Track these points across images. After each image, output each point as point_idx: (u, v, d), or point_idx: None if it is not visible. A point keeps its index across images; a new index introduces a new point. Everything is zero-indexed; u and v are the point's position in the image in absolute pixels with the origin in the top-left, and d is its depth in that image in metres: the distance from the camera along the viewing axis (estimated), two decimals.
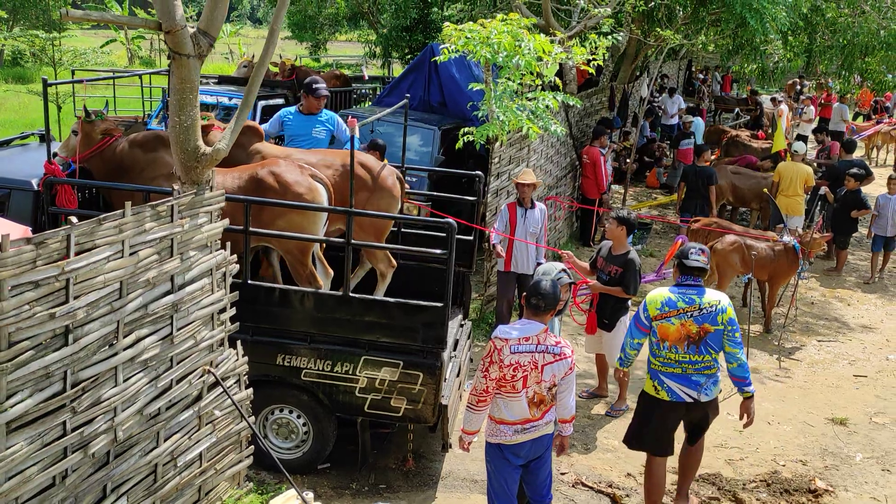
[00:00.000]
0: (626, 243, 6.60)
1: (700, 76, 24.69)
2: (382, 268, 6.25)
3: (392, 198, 6.21)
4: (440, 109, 9.99)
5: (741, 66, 17.75)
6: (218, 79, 12.45)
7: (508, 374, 4.30)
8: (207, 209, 4.21)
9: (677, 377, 5.06)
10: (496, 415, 4.47)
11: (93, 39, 33.47)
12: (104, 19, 4.26)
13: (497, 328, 4.46)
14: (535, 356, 4.32)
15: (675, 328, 4.99)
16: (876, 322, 9.51)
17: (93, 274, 3.40)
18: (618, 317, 6.66)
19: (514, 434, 4.45)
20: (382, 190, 6.12)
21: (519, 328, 4.39)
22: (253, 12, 64.71)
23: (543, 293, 4.37)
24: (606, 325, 6.71)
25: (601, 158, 11.25)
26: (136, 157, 5.93)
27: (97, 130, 5.96)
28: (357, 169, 5.94)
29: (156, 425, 3.96)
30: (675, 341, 5.00)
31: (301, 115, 6.87)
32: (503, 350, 4.30)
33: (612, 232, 6.61)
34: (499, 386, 4.35)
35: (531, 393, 4.36)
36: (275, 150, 6.30)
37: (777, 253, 8.67)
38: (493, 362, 4.31)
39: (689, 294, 5.03)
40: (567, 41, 8.77)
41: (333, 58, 32.98)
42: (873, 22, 12.63)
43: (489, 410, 4.47)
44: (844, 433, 6.80)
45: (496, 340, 4.34)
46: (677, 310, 4.99)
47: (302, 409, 5.45)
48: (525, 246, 7.58)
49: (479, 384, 4.38)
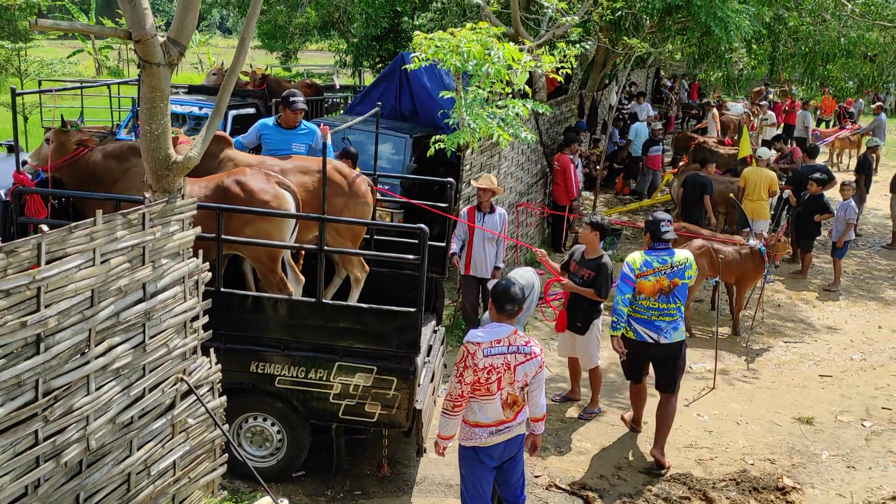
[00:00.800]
0: (599, 248, 6.67)
1: (668, 84, 25.06)
2: (357, 273, 6.30)
3: (366, 204, 6.30)
4: (411, 117, 10.05)
5: (707, 73, 18.06)
6: (188, 88, 12.39)
7: (483, 377, 4.35)
8: (179, 217, 4.22)
9: (644, 322, 6.05)
10: (471, 418, 4.51)
11: (59, 50, 33.08)
12: (74, 28, 4.26)
13: (468, 333, 4.51)
14: (507, 357, 4.39)
15: (651, 283, 5.97)
16: (840, 323, 9.71)
17: (64, 282, 3.40)
18: (590, 320, 6.72)
19: (489, 436, 4.51)
20: (357, 196, 6.19)
21: (489, 331, 4.45)
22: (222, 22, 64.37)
23: (514, 297, 4.45)
24: (579, 329, 6.75)
25: (571, 165, 11.39)
26: (110, 168, 5.91)
27: (71, 140, 5.93)
28: (333, 175, 6.00)
29: (129, 434, 3.95)
30: (649, 293, 5.98)
31: (279, 129, 6.84)
32: (476, 354, 4.35)
33: (585, 237, 6.66)
34: (473, 390, 4.40)
35: (505, 394, 4.43)
36: (248, 158, 6.31)
37: (744, 256, 8.84)
38: (468, 367, 4.36)
39: (662, 255, 6.01)
40: (536, 50, 8.88)
41: (304, 67, 32.94)
42: (834, 30, 12.94)
43: (463, 414, 4.52)
44: (811, 432, 6.94)
45: (469, 345, 4.39)
46: (653, 269, 5.97)
47: (276, 416, 5.45)
48: (483, 250, 7.71)
49: (454, 389, 4.42)
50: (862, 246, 13.22)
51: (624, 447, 6.49)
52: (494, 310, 4.49)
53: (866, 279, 11.48)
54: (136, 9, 3.90)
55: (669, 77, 26.26)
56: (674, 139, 18.53)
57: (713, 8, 10.38)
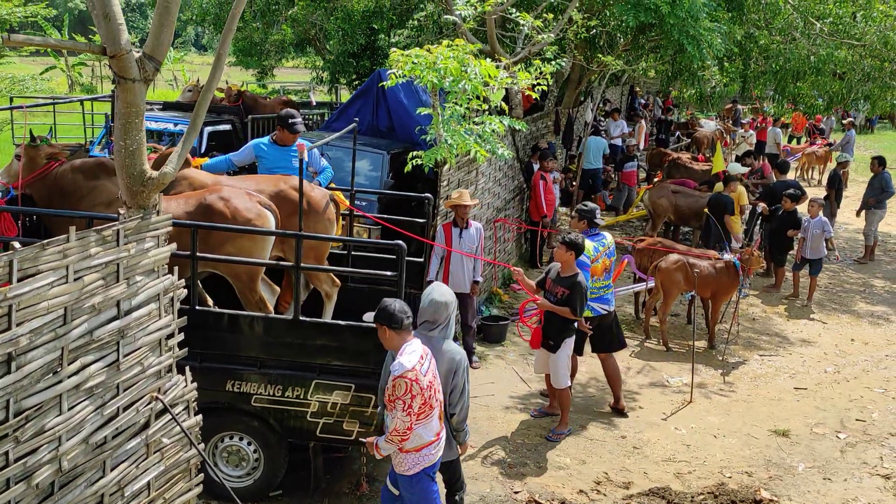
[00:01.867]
0: (574, 266, 6.65)
1: (642, 101, 25.35)
2: (327, 288, 6.27)
3: (328, 221, 6.23)
4: (388, 134, 10.06)
5: (680, 91, 18.30)
6: (162, 105, 12.32)
7: (427, 395, 4.29)
8: (154, 233, 4.17)
9: (598, 299, 7.09)
10: (416, 444, 4.40)
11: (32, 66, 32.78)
12: (48, 44, 4.21)
13: (394, 367, 4.28)
14: (432, 367, 4.39)
15: (600, 265, 7.04)
16: (814, 336, 9.83)
17: (36, 300, 3.33)
18: (563, 338, 6.73)
19: (435, 450, 4.51)
20: (317, 213, 6.12)
21: (410, 353, 4.31)
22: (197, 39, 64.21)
23: (392, 314, 4.32)
24: (552, 346, 6.75)
25: (541, 182, 11.44)
26: (77, 183, 5.84)
27: (42, 155, 5.87)
28: (290, 193, 5.95)
29: (102, 454, 3.87)
30: (598, 274, 7.03)
31: (276, 147, 6.80)
32: (418, 379, 4.25)
33: (560, 255, 6.66)
34: (418, 414, 4.30)
35: (437, 403, 4.42)
36: (202, 176, 6.24)
37: (718, 270, 8.93)
38: (415, 395, 4.23)
39: (600, 239, 7.16)
40: (512, 66, 8.94)
41: (280, 84, 32.90)
42: (804, 48, 13.18)
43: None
44: (787, 444, 7.00)
45: (408, 375, 4.21)
46: (600, 252, 7.05)
47: (252, 435, 5.39)
48: (461, 265, 7.74)
49: (400, 424, 4.26)
50: (833, 260, 13.41)
51: (603, 462, 6.50)
52: (393, 332, 4.34)
53: (839, 292, 11.64)
54: (111, 24, 3.87)
55: (643, 94, 26.57)
56: (648, 155, 18.73)
57: (686, 27, 10.53)
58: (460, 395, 4.64)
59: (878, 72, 13.68)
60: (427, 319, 4.62)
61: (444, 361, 4.58)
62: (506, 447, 6.63)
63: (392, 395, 4.26)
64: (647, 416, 7.40)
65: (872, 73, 13.77)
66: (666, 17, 10.43)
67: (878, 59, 13.50)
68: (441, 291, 4.68)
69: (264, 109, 13.88)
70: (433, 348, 4.55)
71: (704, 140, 20.69)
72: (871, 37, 13.01)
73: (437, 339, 4.60)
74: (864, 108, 20.86)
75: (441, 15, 12.52)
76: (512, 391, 7.72)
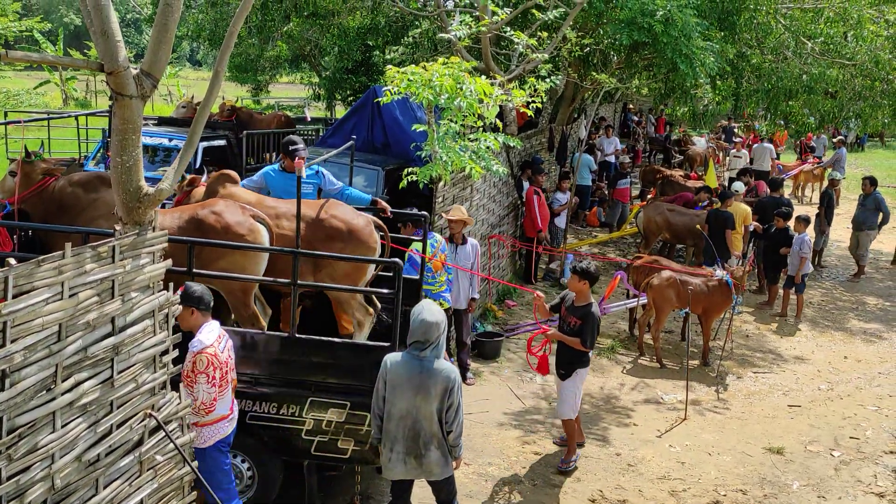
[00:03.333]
0: (588, 296, 6.44)
1: (635, 118, 25.51)
2: (360, 317, 6.04)
3: (368, 248, 5.96)
4: (384, 150, 10.08)
5: (673, 108, 18.42)
6: (157, 120, 12.33)
7: (224, 370, 4.66)
8: (150, 250, 4.16)
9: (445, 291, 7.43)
10: (215, 416, 4.72)
11: (26, 81, 32.78)
12: (45, 60, 4.22)
13: (192, 343, 4.62)
14: (228, 345, 4.81)
15: (437, 261, 7.25)
16: (808, 353, 9.85)
17: (31, 316, 3.32)
18: (574, 368, 6.48)
19: (229, 425, 4.82)
20: (358, 241, 5.92)
21: (208, 332, 4.68)
22: (192, 54, 64.35)
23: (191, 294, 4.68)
24: (562, 375, 6.54)
25: (535, 198, 11.48)
26: (76, 197, 5.83)
27: (37, 171, 5.86)
28: (330, 220, 5.89)
29: (95, 472, 3.84)
30: (438, 269, 7.30)
31: (283, 174, 6.77)
32: (217, 354, 4.62)
33: (573, 285, 6.44)
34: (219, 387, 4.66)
35: (230, 380, 4.80)
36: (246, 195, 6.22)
37: (711, 288, 8.96)
38: (216, 367, 4.60)
39: (430, 240, 7.10)
40: (507, 84, 8.99)
41: (274, 99, 32.97)
42: (795, 67, 13.29)
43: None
44: (781, 462, 6.99)
45: (207, 350, 4.58)
46: (435, 249, 7.23)
47: (247, 452, 5.35)
48: (458, 281, 7.72)
49: (206, 397, 4.60)
50: (826, 277, 13.47)
51: (597, 479, 6.48)
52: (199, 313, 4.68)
53: (831, 310, 11.67)
54: (110, 41, 3.88)
55: (636, 112, 26.73)
56: (642, 172, 18.82)
57: (679, 45, 10.61)
58: (455, 412, 4.63)
59: (869, 91, 13.81)
60: (417, 339, 4.55)
61: (439, 381, 4.53)
62: (500, 464, 6.60)
63: (194, 370, 4.59)
64: (641, 433, 7.39)
65: (863, 92, 13.89)
66: (659, 36, 10.52)
67: (868, 79, 13.62)
68: (431, 310, 4.62)
69: (259, 125, 13.91)
70: (425, 369, 4.52)
71: (697, 157, 20.81)
72: (862, 56, 13.14)
73: (428, 359, 4.54)
74: (855, 126, 21.01)
75: (436, 32, 12.61)
76: (506, 408, 7.71)
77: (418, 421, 4.57)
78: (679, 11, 10.57)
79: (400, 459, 4.64)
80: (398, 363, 4.59)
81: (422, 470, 4.68)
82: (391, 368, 4.60)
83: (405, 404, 4.56)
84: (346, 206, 6.23)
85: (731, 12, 12.51)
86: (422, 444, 4.61)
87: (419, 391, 4.53)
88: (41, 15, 32.22)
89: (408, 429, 4.59)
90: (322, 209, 5.98)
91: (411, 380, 4.53)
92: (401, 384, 4.55)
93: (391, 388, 4.59)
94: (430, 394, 4.53)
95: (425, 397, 4.53)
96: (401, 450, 4.62)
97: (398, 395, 4.56)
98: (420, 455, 4.62)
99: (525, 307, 10.69)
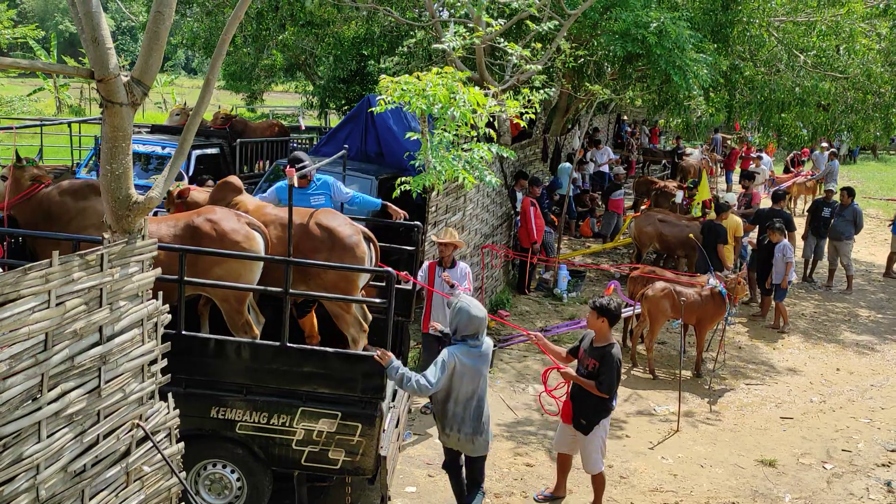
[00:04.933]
0: (609, 335, 5.85)
1: (628, 129, 25.58)
2: (353, 333, 5.96)
3: (354, 258, 5.85)
4: (377, 159, 10.08)
5: (667, 120, 18.49)
6: (150, 128, 12.31)
7: None
8: (139, 258, 4.13)
9: None
10: None
11: (20, 88, 32.71)
12: (35, 67, 4.20)
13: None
14: None
15: None
16: (800, 365, 9.85)
17: (16, 325, 3.28)
18: (598, 419, 5.87)
19: None
20: (344, 249, 5.84)
21: None
22: (187, 62, 64.36)
23: None
24: (583, 427, 5.90)
25: (531, 208, 11.48)
26: (65, 205, 5.79)
27: (26, 176, 5.82)
28: (314, 230, 5.84)
29: (81, 483, 3.80)
30: None
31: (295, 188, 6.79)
32: None
33: (592, 323, 5.87)
34: None
35: None
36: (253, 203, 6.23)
37: (704, 298, 8.95)
38: None
39: None
40: (501, 94, 9.00)
41: (269, 108, 32.99)
42: (788, 80, 13.35)
43: None
44: (774, 474, 6.97)
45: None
46: None
47: (236, 463, 5.31)
48: (443, 308, 7.20)
49: None
50: (819, 289, 13.49)
51: (590, 492, 6.43)
52: None
53: (824, 322, 11.68)
54: (100, 48, 3.86)
55: (630, 123, 26.83)
56: (635, 183, 18.85)
57: (672, 57, 10.65)
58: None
59: (861, 104, 13.88)
60: (471, 333, 5.14)
61: (488, 360, 5.30)
62: (492, 476, 6.55)
63: None
64: (633, 445, 7.37)
65: (855, 105, 13.96)
66: (653, 48, 10.55)
67: (861, 92, 13.70)
68: (476, 306, 5.20)
69: (253, 133, 13.90)
70: (482, 355, 5.19)
71: (690, 169, 20.86)
72: (854, 69, 13.22)
73: (481, 346, 5.17)
74: (847, 139, 21.12)
75: (431, 43, 12.62)
76: (499, 419, 7.67)
77: (481, 401, 5.23)
78: (673, 24, 10.61)
79: (468, 439, 5.25)
80: (463, 354, 5.11)
81: (475, 447, 5.30)
82: (459, 360, 5.09)
83: (471, 388, 5.16)
84: (339, 216, 6.17)
85: (725, 25, 12.57)
86: (483, 423, 5.26)
87: (478, 375, 5.17)
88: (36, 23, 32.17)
89: (473, 409, 5.20)
90: (308, 217, 5.96)
91: (474, 367, 5.13)
92: (466, 372, 5.12)
93: (458, 377, 5.11)
94: (484, 375, 5.21)
95: (483, 378, 5.21)
96: (468, 430, 5.22)
97: (465, 381, 5.13)
98: (481, 432, 5.26)
99: (517, 318, 10.67)
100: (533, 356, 9.27)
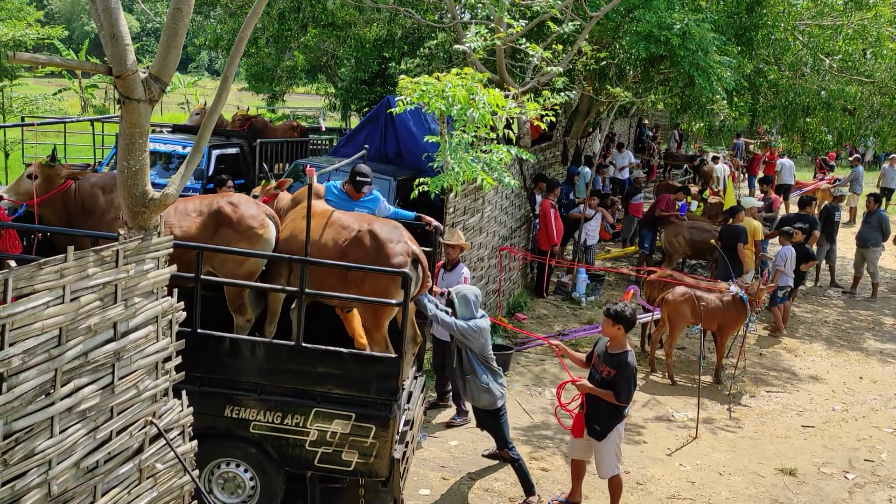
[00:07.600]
0: (624, 343, 5.76)
1: (650, 133, 25.39)
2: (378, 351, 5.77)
3: (255, 237, 5.80)
4: (396, 160, 10.06)
5: (689, 123, 18.32)
6: (172, 127, 12.39)
7: None
8: (154, 255, 4.13)
9: None
10: None
11: (46, 87, 33.10)
12: (52, 62, 4.20)
13: None
14: None
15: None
16: (822, 373, 9.69)
17: (31, 320, 3.28)
18: (611, 425, 5.79)
19: None
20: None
21: None
22: (211, 64, 64.91)
23: None
24: (597, 433, 5.82)
25: (551, 211, 11.41)
26: (97, 198, 5.91)
27: (61, 174, 5.96)
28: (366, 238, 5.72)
29: (93, 479, 3.79)
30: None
31: (343, 197, 6.76)
32: None
33: (606, 330, 5.79)
34: None
35: None
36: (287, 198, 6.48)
37: (725, 304, 8.84)
38: None
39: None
40: (521, 96, 8.94)
41: (290, 109, 33.14)
42: (813, 84, 13.19)
43: None
44: (794, 484, 6.85)
45: None
46: None
47: (249, 462, 5.30)
48: None
49: None
50: (843, 297, 13.28)
51: (606, 498, 6.35)
52: None
53: (847, 329, 11.49)
54: (118, 45, 3.86)
55: (652, 127, 26.62)
56: (656, 187, 18.68)
57: (696, 59, 10.54)
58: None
59: (888, 108, 13.68)
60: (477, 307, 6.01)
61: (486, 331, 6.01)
62: (506, 480, 6.50)
63: None
64: (651, 451, 7.27)
65: (882, 110, 13.76)
66: (676, 50, 10.45)
67: (887, 96, 13.50)
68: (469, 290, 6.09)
69: (273, 134, 13.95)
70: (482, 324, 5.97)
71: (712, 174, 20.64)
72: (881, 74, 13.03)
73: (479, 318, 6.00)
74: (872, 144, 20.81)
75: (452, 44, 12.60)
76: (515, 422, 7.59)
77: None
78: (696, 26, 10.51)
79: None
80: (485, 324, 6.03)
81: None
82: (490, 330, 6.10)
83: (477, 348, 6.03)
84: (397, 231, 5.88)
85: (749, 28, 12.44)
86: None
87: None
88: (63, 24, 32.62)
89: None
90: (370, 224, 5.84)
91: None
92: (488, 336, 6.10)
93: (487, 342, 6.03)
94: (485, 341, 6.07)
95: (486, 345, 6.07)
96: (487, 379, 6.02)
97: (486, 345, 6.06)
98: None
99: (534, 321, 10.60)
100: (550, 360, 9.19)
